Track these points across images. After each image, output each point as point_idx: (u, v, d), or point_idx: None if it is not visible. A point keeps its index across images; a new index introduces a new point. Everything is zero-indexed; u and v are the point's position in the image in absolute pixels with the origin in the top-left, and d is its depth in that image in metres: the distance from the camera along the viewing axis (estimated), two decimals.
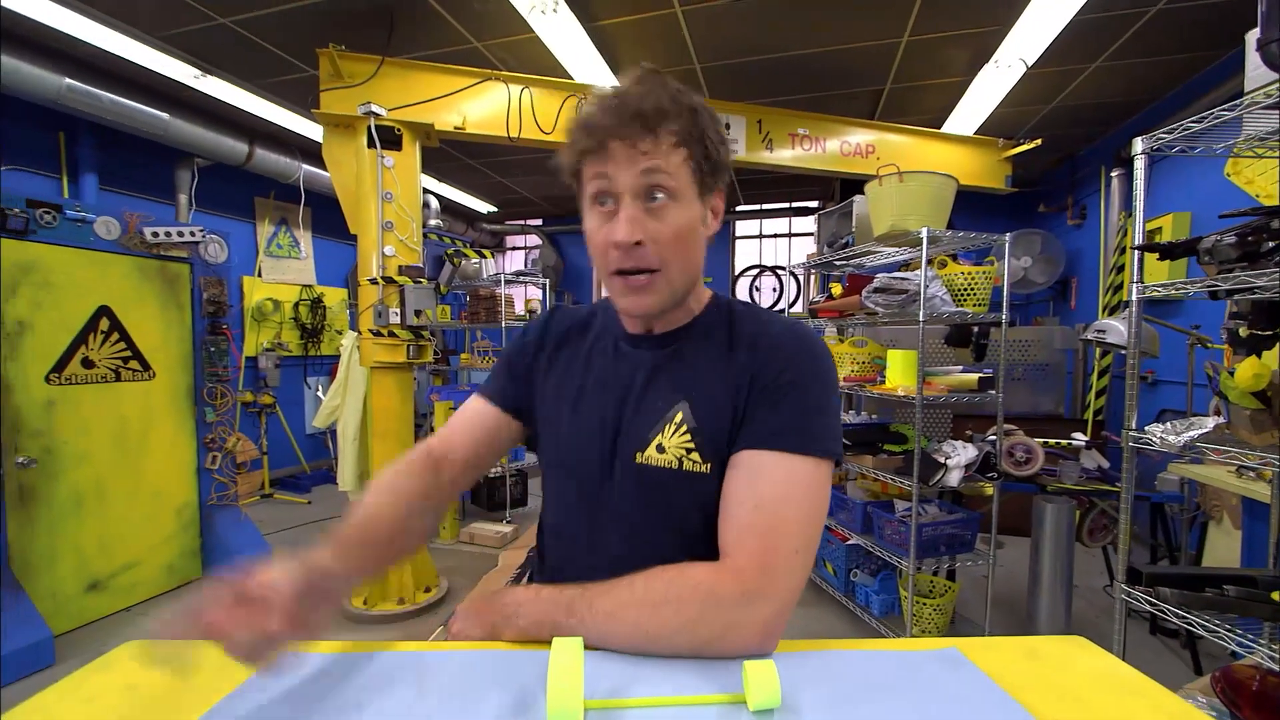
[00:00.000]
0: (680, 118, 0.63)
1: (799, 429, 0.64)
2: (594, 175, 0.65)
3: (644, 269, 0.65)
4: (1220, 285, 1.25)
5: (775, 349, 0.68)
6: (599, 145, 0.63)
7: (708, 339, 0.73)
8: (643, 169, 0.63)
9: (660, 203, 0.64)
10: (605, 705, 0.55)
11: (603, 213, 0.66)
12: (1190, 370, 2.76)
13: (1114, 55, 3.29)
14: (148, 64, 3.33)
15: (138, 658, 0.65)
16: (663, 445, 0.69)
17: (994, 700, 0.56)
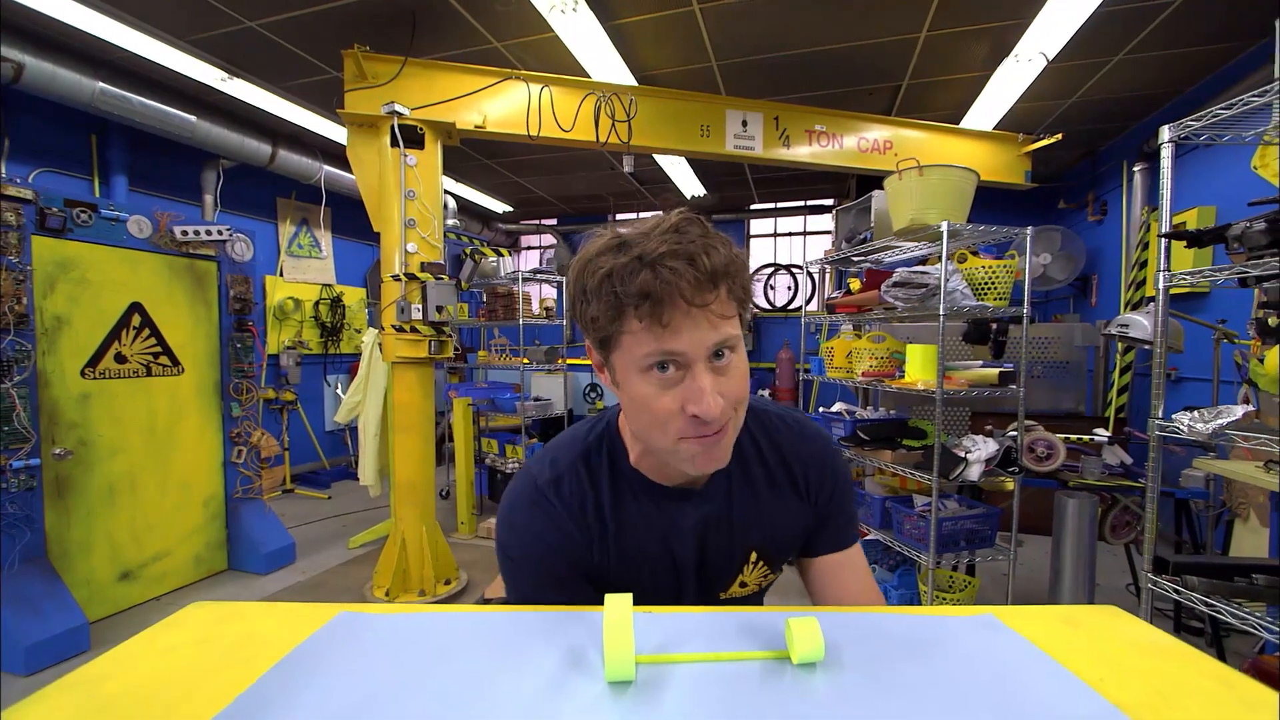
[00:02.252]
0: (739, 271, 0.58)
1: (853, 520, 0.81)
2: (653, 346, 0.56)
3: (721, 429, 0.60)
4: (1251, 271, 1.24)
5: (821, 465, 0.77)
6: (662, 307, 0.54)
7: (748, 470, 0.73)
8: (717, 339, 0.57)
9: (727, 359, 0.59)
10: (655, 660, 0.57)
11: (663, 379, 0.58)
12: (1216, 366, 2.73)
13: (1137, 48, 3.27)
14: (177, 67, 3.42)
15: (208, 616, 0.68)
16: (744, 581, 0.78)
17: (1037, 663, 0.58)
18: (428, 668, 0.57)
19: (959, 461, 2.47)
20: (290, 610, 0.71)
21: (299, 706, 0.51)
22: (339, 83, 2.98)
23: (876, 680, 0.54)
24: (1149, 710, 0.51)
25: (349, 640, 0.63)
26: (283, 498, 4.81)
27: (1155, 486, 1.49)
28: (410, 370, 3.00)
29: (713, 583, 0.76)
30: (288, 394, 5.02)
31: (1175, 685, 0.55)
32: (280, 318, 5.08)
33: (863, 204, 3.22)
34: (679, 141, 3.40)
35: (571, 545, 0.70)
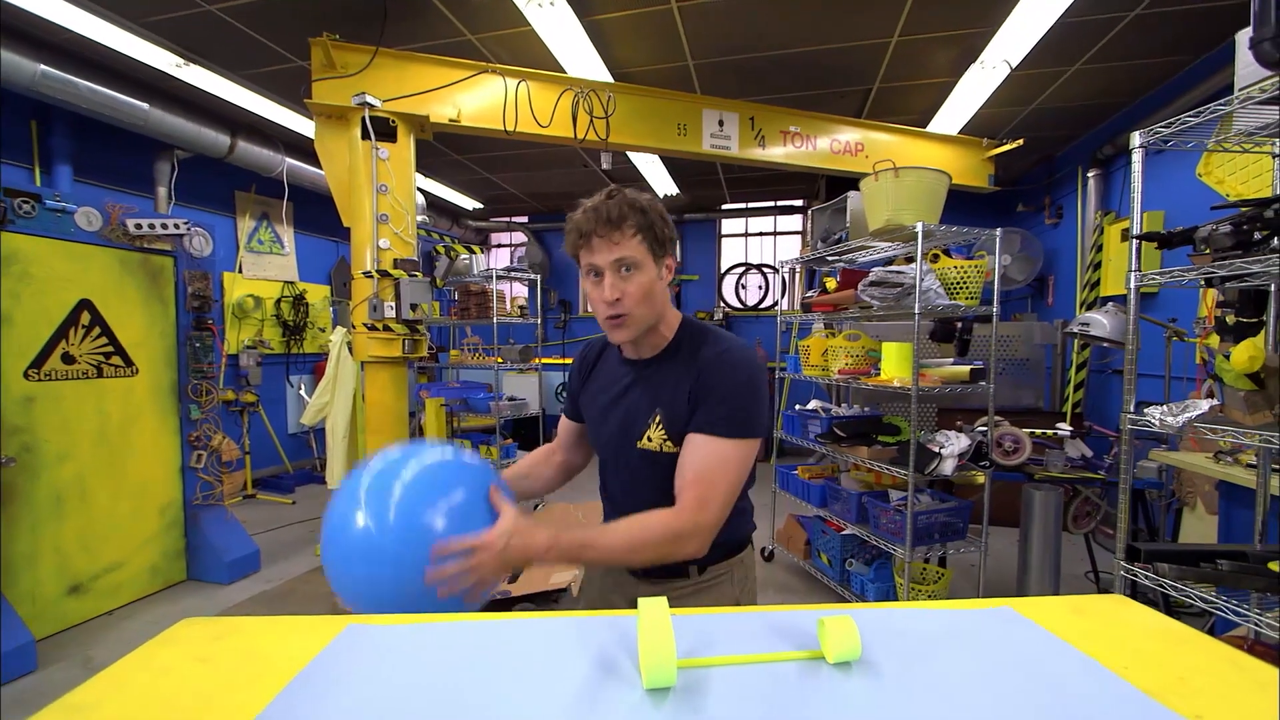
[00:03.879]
0: (635, 216, 0.93)
1: (727, 418, 0.93)
2: (586, 260, 0.95)
3: (620, 314, 0.95)
4: (1217, 272, 1.31)
5: (712, 366, 0.97)
6: (587, 239, 0.93)
7: (675, 358, 1.02)
8: (614, 256, 0.92)
9: (629, 274, 0.94)
10: (694, 664, 0.56)
11: (594, 282, 0.96)
12: (1168, 361, 2.88)
13: (1092, 59, 3.41)
14: (127, 51, 3.23)
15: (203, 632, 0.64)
16: (650, 437, 1.00)
17: (1059, 651, 0.59)
18: (451, 682, 0.55)
19: (934, 456, 2.54)
20: (291, 624, 0.68)
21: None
22: (304, 72, 2.87)
23: (912, 677, 0.54)
24: (1173, 695, 0.52)
25: (362, 656, 0.60)
26: (244, 503, 4.61)
27: (1128, 478, 1.55)
28: (383, 370, 2.91)
29: (630, 428, 1.02)
30: (248, 395, 4.81)
31: (1193, 670, 0.57)
32: (240, 316, 4.87)
33: (838, 204, 3.28)
34: (657, 140, 3.39)
35: (575, 374, 1.20)
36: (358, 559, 0.78)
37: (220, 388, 3.78)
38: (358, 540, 0.78)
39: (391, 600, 0.76)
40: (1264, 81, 1.22)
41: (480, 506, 0.87)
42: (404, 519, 0.79)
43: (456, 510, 0.83)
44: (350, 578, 0.80)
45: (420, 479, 0.85)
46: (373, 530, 0.78)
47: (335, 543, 0.81)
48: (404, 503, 0.81)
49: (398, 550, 0.77)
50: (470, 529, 0.82)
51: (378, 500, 0.81)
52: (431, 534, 0.79)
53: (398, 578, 0.77)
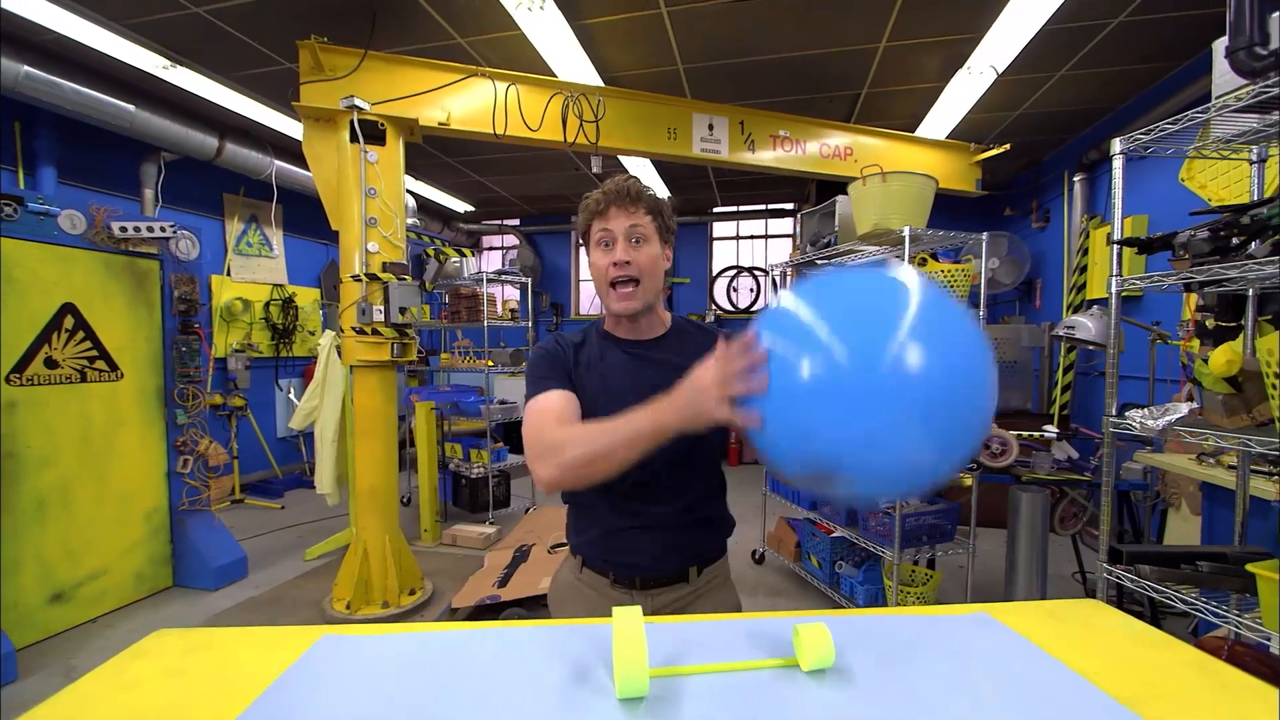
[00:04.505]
0: (649, 198, 1.01)
1: None
2: (600, 228, 1.00)
3: (630, 277, 0.99)
4: (1195, 277, 1.32)
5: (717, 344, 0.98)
6: (604, 208, 0.99)
7: (682, 338, 1.08)
8: (629, 223, 0.99)
9: (640, 245, 1.00)
10: (667, 673, 0.56)
11: (605, 250, 1.00)
12: (1152, 364, 2.91)
13: (1077, 65, 3.45)
14: (113, 53, 3.20)
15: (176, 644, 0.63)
16: None
17: (1031, 656, 0.59)
18: (425, 692, 0.55)
19: None
20: (265, 635, 0.67)
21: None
22: (293, 74, 2.85)
23: (885, 684, 0.54)
24: (1140, 699, 0.53)
25: (336, 667, 0.60)
26: (232, 508, 4.57)
27: (1110, 480, 1.57)
28: (372, 374, 2.89)
29: (651, 397, 0.98)
30: (236, 399, 4.77)
31: (1161, 673, 0.58)
32: (228, 319, 4.83)
33: (826, 208, 3.30)
34: (647, 143, 3.40)
35: (562, 354, 1.08)
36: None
37: (207, 392, 3.75)
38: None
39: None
40: (1239, 90, 1.24)
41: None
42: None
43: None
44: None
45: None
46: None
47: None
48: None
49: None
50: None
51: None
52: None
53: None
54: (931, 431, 0.56)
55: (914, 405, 0.55)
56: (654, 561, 0.99)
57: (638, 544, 0.99)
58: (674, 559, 1.00)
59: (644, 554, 0.99)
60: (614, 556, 1.01)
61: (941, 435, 0.57)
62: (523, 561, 3.09)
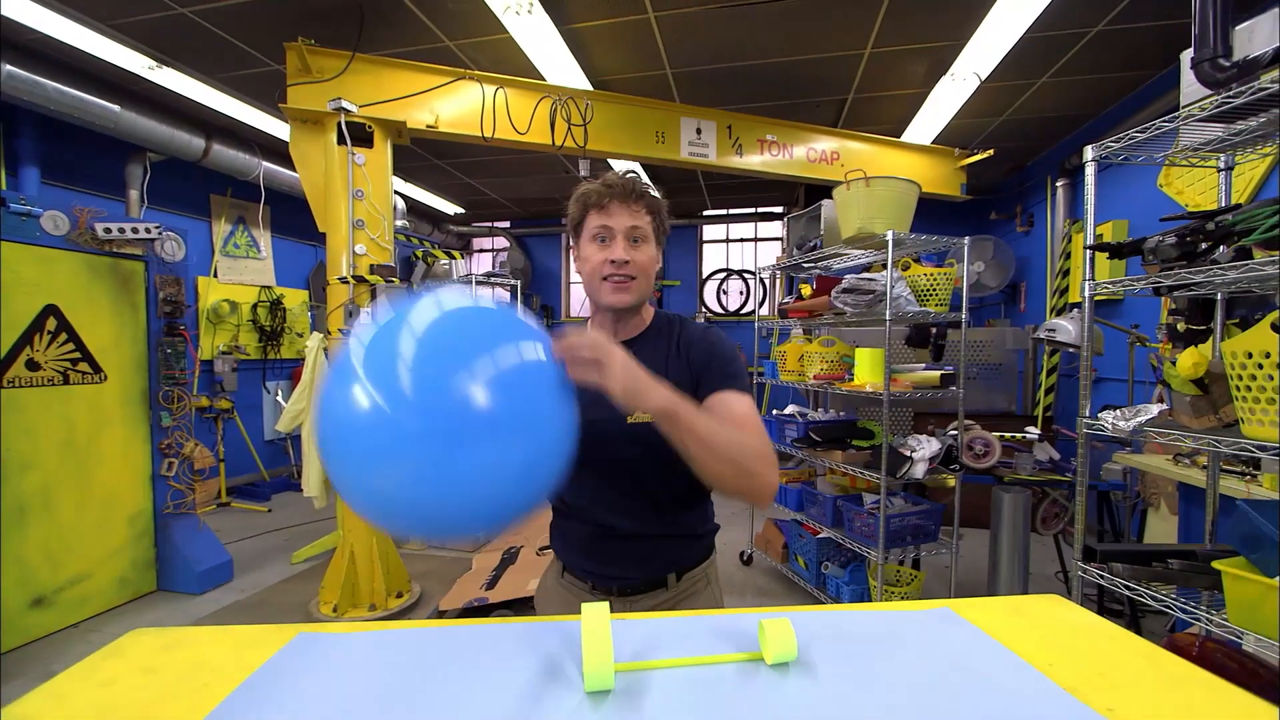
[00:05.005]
0: (649, 198, 1.00)
1: (731, 377, 0.98)
2: (597, 221, 0.98)
3: (628, 276, 0.98)
4: (1163, 282, 1.36)
5: (699, 341, 1.03)
6: (606, 202, 0.97)
7: (657, 339, 1.05)
8: (631, 222, 0.97)
9: (638, 244, 0.99)
10: (633, 667, 0.57)
11: (601, 245, 0.98)
12: (1131, 367, 2.96)
13: (1058, 72, 3.51)
14: (98, 53, 3.18)
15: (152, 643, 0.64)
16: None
17: (989, 650, 0.61)
18: (397, 688, 0.56)
19: (905, 460, 2.59)
20: (242, 634, 0.68)
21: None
22: (280, 76, 2.85)
23: (846, 676, 0.56)
24: (1092, 689, 0.55)
25: (310, 663, 0.60)
26: (218, 512, 4.53)
27: (1084, 481, 1.60)
28: None
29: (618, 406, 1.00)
30: (223, 402, 4.74)
31: (1113, 665, 0.60)
32: (214, 321, 4.79)
33: (812, 212, 3.33)
34: (635, 147, 3.42)
35: None
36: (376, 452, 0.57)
37: (193, 394, 3.72)
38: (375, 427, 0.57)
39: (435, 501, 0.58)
40: (1204, 100, 1.28)
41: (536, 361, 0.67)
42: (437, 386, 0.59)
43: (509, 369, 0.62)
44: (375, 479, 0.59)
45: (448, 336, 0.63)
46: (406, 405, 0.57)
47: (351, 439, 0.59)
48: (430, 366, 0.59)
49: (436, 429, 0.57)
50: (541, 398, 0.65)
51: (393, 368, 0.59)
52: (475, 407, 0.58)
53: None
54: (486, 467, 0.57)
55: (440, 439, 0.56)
56: (631, 571, 1.00)
57: (615, 554, 1.00)
58: (652, 567, 1.01)
59: (622, 564, 1.00)
60: (592, 566, 1.01)
61: (498, 470, 0.58)
62: (511, 564, 3.09)
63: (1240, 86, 1.22)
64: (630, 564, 1.00)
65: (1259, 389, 1.20)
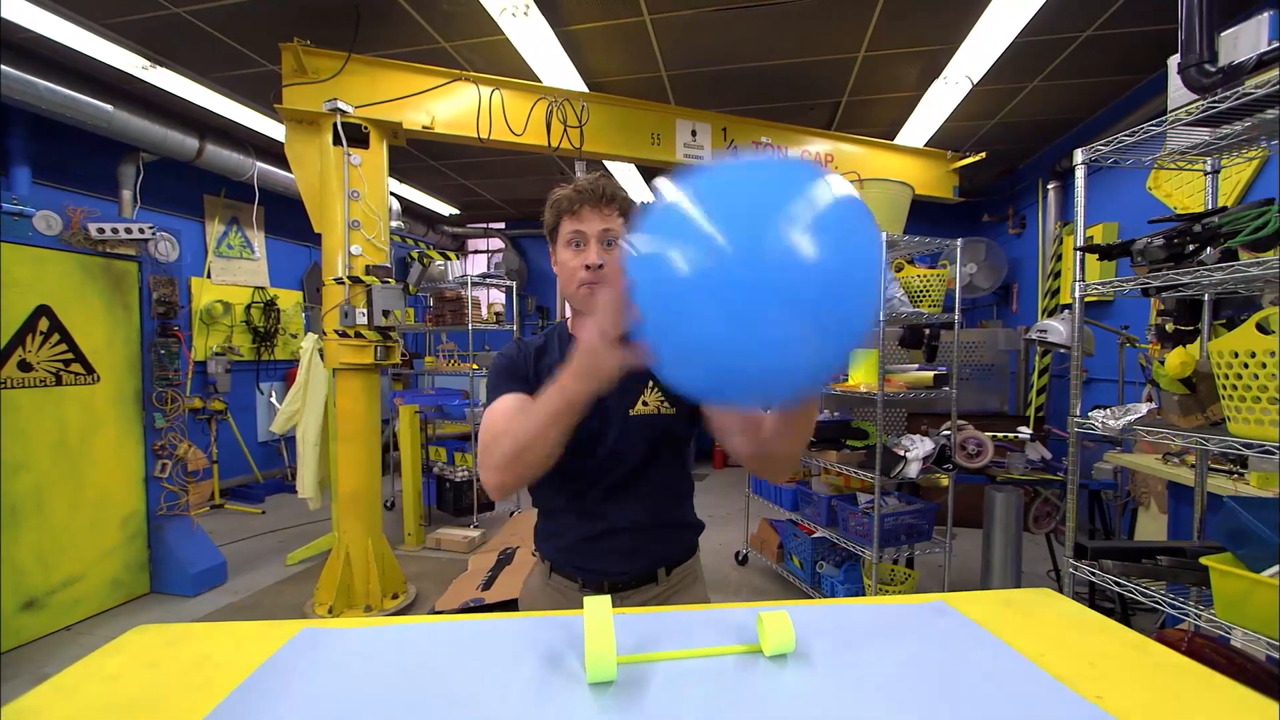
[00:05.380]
0: (621, 201, 1.00)
1: None
2: (571, 227, 0.98)
3: (601, 279, 0.97)
4: (1151, 283, 1.38)
5: None
6: (577, 208, 0.98)
7: None
8: (603, 226, 0.98)
9: (612, 247, 0.99)
10: (634, 659, 0.58)
11: (575, 251, 0.99)
12: (1121, 367, 2.99)
13: (1050, 76, 3.55)
14: (91, 52, 3.17)
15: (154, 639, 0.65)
16: (646, 401, 1.02)
17: (982, 641, 0.62)
18: (402, 681, 0.56)
19: (899, 460, 2.61)
20: (246, 629, 0.68)
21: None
22: (275, 76, 2.85)
23: (843, 668, 0.57)
24: (1082, 678, 0.56)
25: (315, 658, 0.61)
26: (212, 513, 4.51)
27: (1075, 480, 1.62)
28: (354, 377, 2.88)
29: (620, 398, 1.00)
30: (216, 403, 4.72)
31: (1102, 655, 0.61)
32: (208, 322, 4.77)
33: None
34: (630, 149, 3.43)
35: (521, 361, 1.05)
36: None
37: (187, 395, 3.70)
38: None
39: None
40: (1190, 105, 1.30)
41: None
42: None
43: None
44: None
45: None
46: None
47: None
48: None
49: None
50: None
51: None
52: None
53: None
54: (818, 324, 0.56)
55: (794, 297, 0.54)
56: (621, 566, 1.01)
57: (605, 550, 1.00)
58: (642, 562, 1.02)
59: (611, 559, 1.00)
60: (582, 562, 1.02)
61: (828, 328, 0.57)
62: (506, 565, 3.09)
63: (1225, 92, 1.24)
64: (621, 559, 1.01)
65: (1245, 388, 1.22)
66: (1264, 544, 1.19)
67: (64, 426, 2.74)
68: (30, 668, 2.40)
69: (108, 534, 2.92)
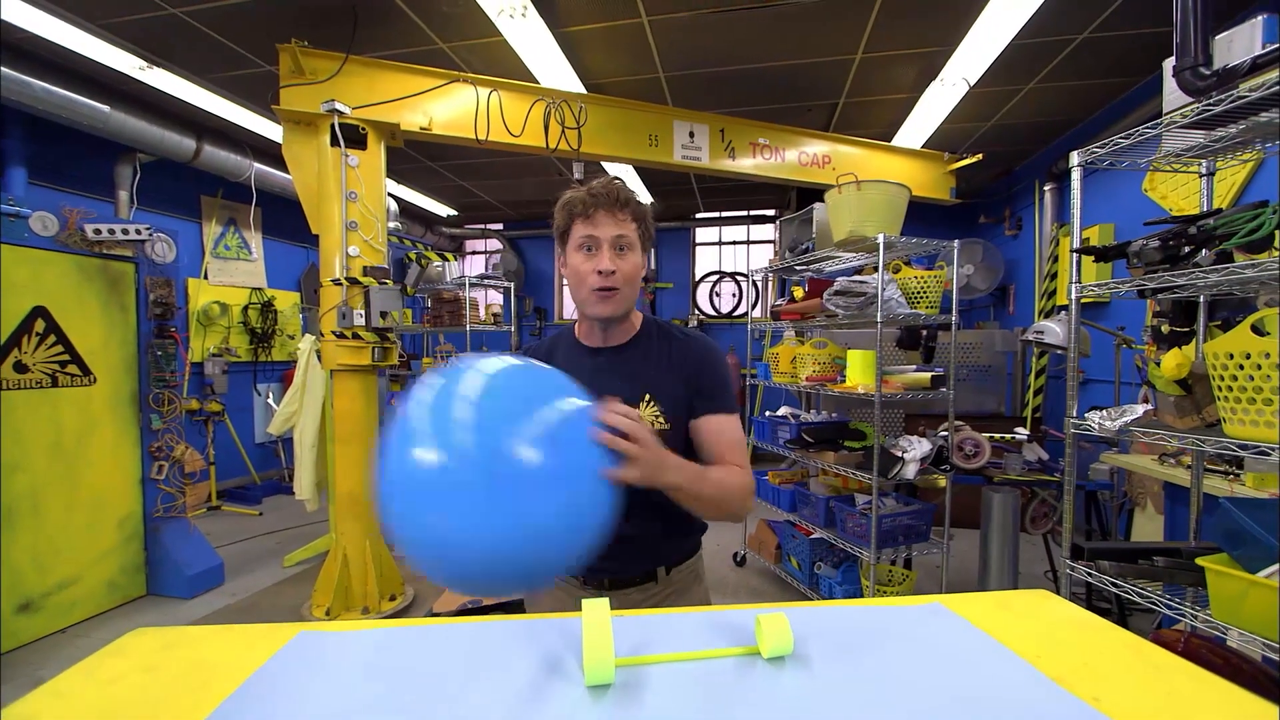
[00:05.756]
0: (634, 204, 1.01)
1: (723, 397, 1.04)
2: (584, 231, 0.98)
3: (613, 287, 0.99)
4: (1147, 285, 1.39)
5: (700, 355, 1.06)
6: (591, 212, 0.98)
7: (650, 344, 1.07)
8: (616, 231, 0.98)
9: (624, 252, 1.00)
10: (632, 661, 0.58)
11: (587, 255, 0.99)
12: (1117, 368, 3.00)
13: (1046, 78, 3.56)
14: (88, 53, 3.16)
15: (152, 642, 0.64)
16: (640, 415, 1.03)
17: (979, 642, 0.63)
18: (400, 684, 0.56)
19: (896, 461, 2.61)
20: (243, 633, 0.68)
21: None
22: (272, 77, 2.84)
23: (841, 670, 0.57)
24: (1078, 679, 0.57)
25: (312, 661, 0.61)
26: (209, 515, 4.50)
27: (1072, 480, 1.63)
28: (352, 378, 2.88)
29: None
30: (213, 404, 4.70)
31: (1098, 655, 0.61)
32: (205, 323, 4.76)
33: (804, 215, 3.36)
34: (628, 150, 3.43)
35: None
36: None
37: (184, 397, 3.69)
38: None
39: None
40: (1185, 107, 1.31)
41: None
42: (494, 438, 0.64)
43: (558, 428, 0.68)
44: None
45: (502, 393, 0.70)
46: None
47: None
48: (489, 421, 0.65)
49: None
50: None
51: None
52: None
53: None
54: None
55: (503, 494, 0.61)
56: (624, 565, 1.02)
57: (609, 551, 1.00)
58: (644, 561, 1.03)
59: (614, 559, 0.99)
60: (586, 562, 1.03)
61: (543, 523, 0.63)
62: None
63: (1220, 94, 1.25)
64: (623, 559, 1.00)
65: (1240, 389, 1.23)
66: (1260, 545, 1.19)
67: (60, 428, 2.73)
68: (27, 670, 2.39)
69: (104, 536, 2.91)
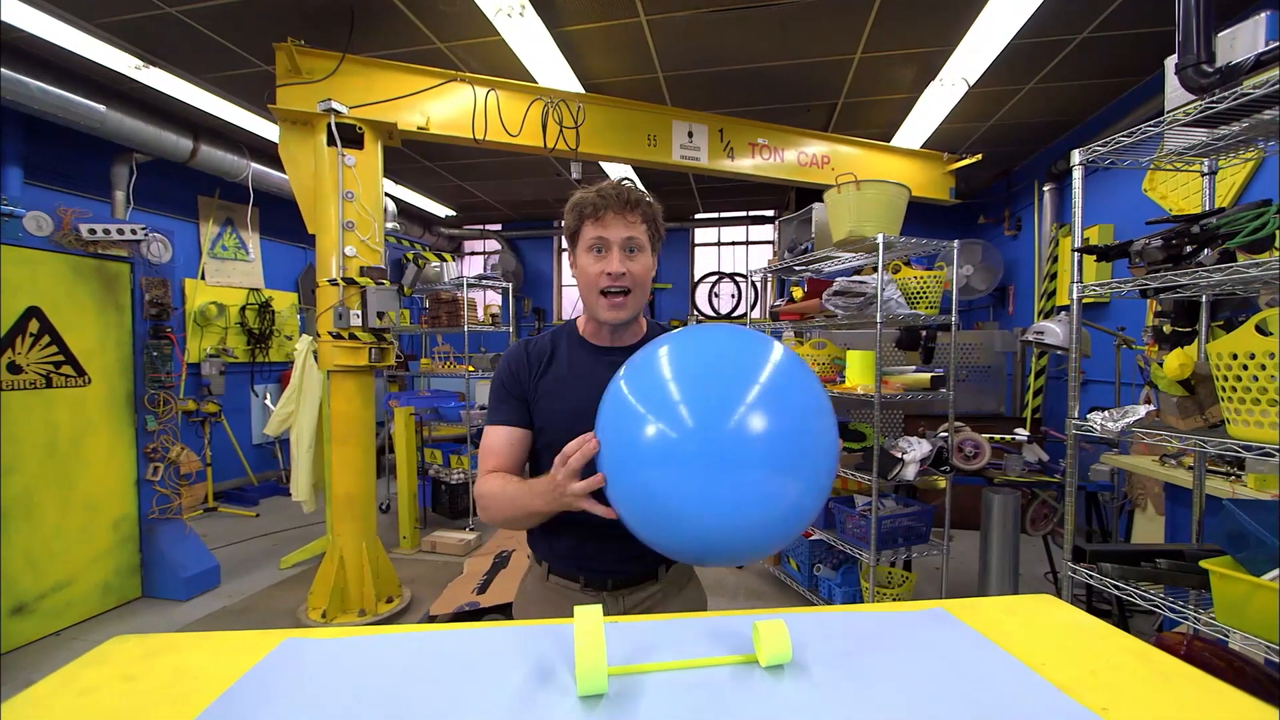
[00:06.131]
0: (645, 206, 1.00)
1: None
2: (594, 233, 0.97)
3: (623, 289, 0.98)
4: (1149, 284, 1.37)
5: None
6: (601, 213, 0.97)
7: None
8: (627, 234, 0.97)
9: (634, 254, 0.99)
10: (626, 670, 0.57)
11: (597, 257, 0.98)
12: (1118, 369, 2.99)
13: (1045, 78, 3.55)
14: (83, 52, 3.14)
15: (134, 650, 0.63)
16: None
17: (983, 650, 0.61)
18: (386, 694, 0.55)
19: (896, 462, 2.60)
20: (226, 640, 0.67)
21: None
22: (269, 76, 2.83)
23: (841, 679, 0.56)
24: (1085, 687, 0.55)
25: (297, 669, 0.59)
26: (205, 517, 4.47)
27: (1073, 482, 1.61)
28: (349, 379, 2.86)
29: None
30: (210, 405, 4.68)
31: (1104, 662, 0.60)
32: (202, 324, 4.74)
33: (804, 215, 3.34)
34: (627, 150, 3.42)
35: (524, 372, 1.04)
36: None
37: (180, 398, 3.67)
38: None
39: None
40: (1187, 105, 1.30)
41: None
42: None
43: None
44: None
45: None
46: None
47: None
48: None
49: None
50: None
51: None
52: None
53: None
54: (774, 490, 0.63)
55: (752, 468, 0.61)
56: (626, 565, 1.00)
57: (610, 550, 0.99)
58: (646, 560, 1.00)
59: (616, 559, 1.00)
60: (586, 562, 1.01)
61: (784, 493, 0.63)
62: (502, 568, 3.07)
63: (1223, 92, 1.24)
64: (623, 559, 0.99)
65: (1244, 390, 1.21)
66: (1264, 547, 1.18)
67: (54, 429, 2.71)
68: (20, 674, 2.37)
69: (99, 538, 2.89)
